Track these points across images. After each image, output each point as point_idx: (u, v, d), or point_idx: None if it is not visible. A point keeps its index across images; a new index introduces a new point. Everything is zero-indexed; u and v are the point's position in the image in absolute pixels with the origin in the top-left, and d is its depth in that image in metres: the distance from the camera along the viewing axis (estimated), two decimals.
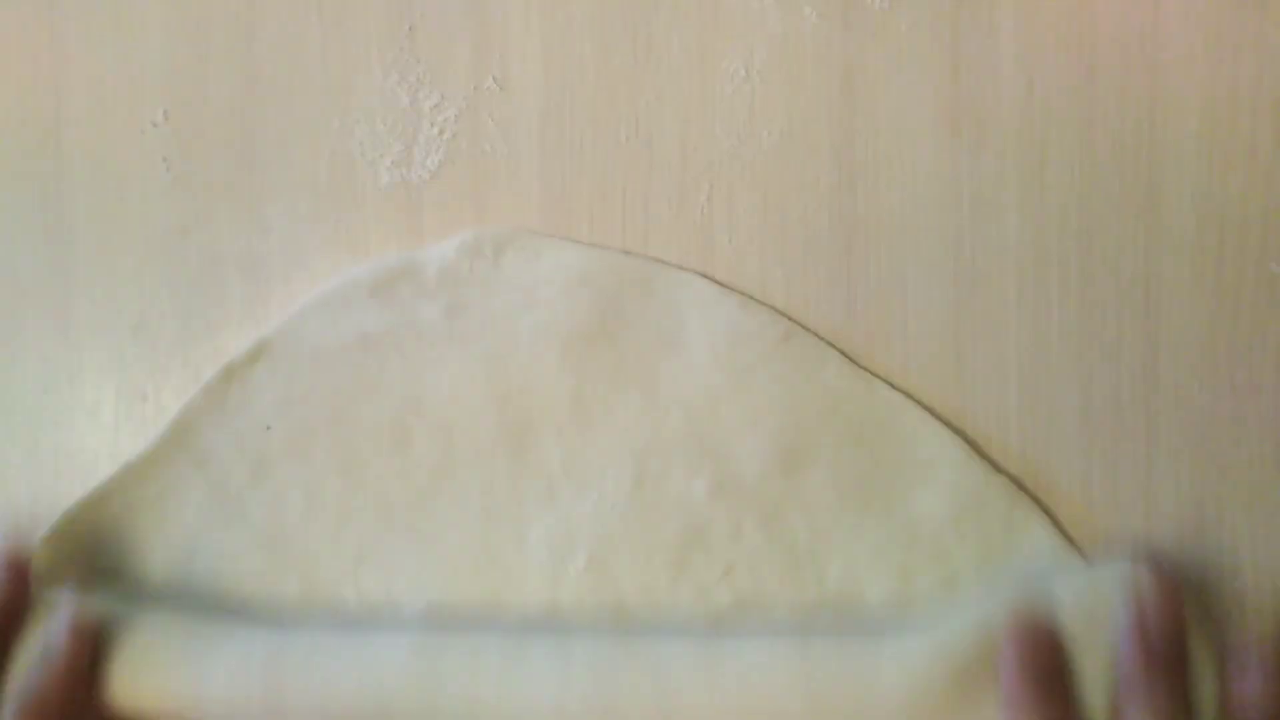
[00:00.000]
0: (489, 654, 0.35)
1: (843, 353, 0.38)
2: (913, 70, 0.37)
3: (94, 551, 0.39)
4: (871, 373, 0.37)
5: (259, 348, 0.39)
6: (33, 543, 0.37)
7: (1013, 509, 0.36)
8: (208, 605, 0.38)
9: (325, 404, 0.39)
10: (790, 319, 0.38)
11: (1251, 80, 0.36)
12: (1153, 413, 0.36)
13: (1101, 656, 0.32)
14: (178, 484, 0.39)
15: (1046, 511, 0.36)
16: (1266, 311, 0.36)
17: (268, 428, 0.39)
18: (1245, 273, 0.36)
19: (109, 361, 0.41)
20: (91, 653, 0.35)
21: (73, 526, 0.39)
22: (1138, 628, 0.32)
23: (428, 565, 0.38)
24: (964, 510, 0.36)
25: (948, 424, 0.37)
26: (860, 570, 0.36)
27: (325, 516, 0.38)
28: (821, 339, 0.38)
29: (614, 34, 0.39)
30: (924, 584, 0.36)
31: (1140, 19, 0.36)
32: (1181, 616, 0.32)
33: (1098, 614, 0.33)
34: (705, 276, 0.38)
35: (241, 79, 0.40)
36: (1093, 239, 0.37)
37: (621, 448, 0.38)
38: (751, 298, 0.38)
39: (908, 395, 0.37)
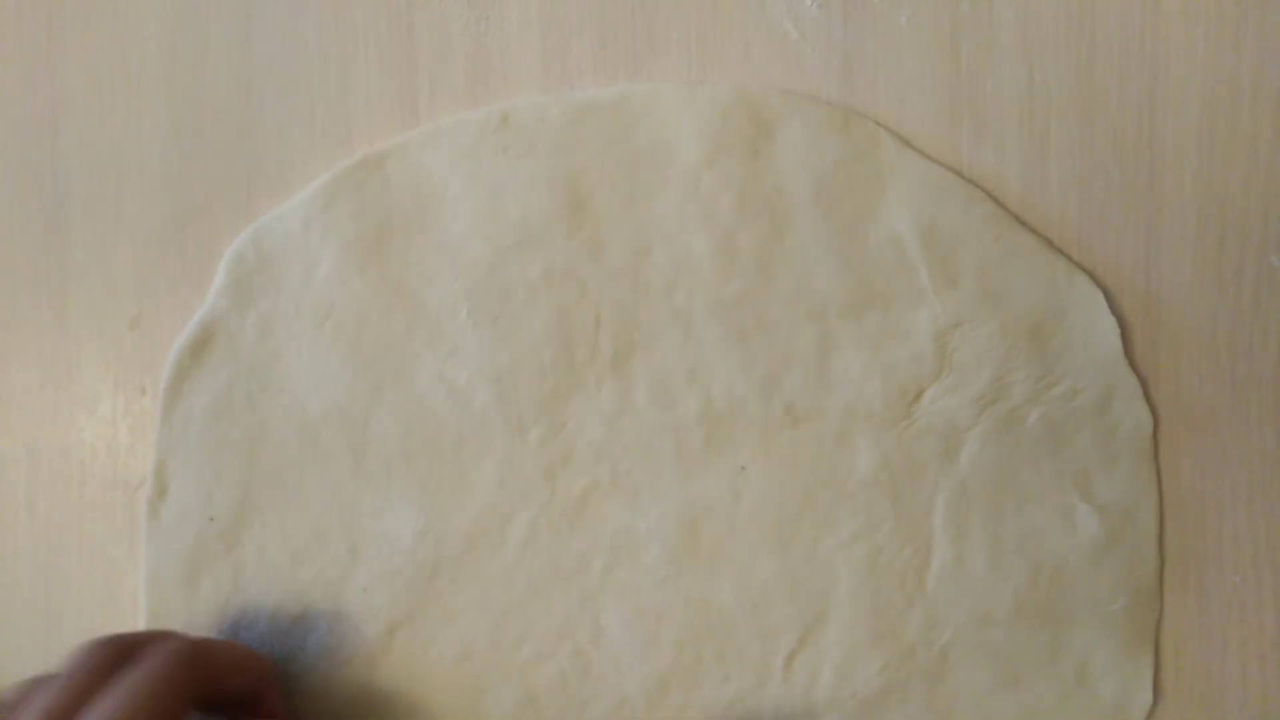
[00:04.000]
0: None
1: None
2: (913, 61, 0.37)
3: None
4: None
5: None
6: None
7: None
8: None
9: None
10: None
11: (1253, 71, 0.35)
12: (1154, 406, 0.36)
13: None
14: None
15: None
16: (1267, 304, 0.36)
17: None
18: (1245, 265, 0.36)
19: (107, 355, 0.41)
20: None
21: None
22: None
23: None
24: None
25: None
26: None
27: None
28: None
29: (614, 29, 0.38)
30: None
31: (1140, 9, 0.36)
32: None
33: None
34: None
35: (240, 73, 0.40)
36: (1093, 230, 0.36)
37: None
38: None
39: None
